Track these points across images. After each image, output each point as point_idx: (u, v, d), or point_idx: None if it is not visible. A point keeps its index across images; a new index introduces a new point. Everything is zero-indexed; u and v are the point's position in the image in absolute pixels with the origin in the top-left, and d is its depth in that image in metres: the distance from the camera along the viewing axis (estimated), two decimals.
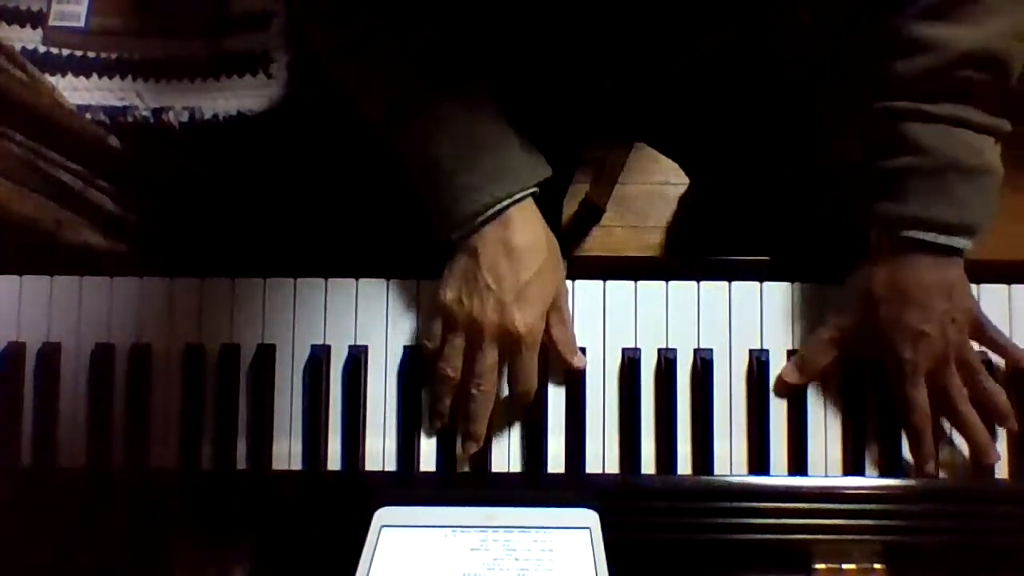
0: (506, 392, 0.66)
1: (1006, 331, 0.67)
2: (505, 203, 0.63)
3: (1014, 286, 0.68)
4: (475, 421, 0.64)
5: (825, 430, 0.67)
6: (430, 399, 0.66)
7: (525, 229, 0.64)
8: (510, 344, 0.64)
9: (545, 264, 0.64)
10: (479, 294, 0.63)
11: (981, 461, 0.65)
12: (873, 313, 0.65)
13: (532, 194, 0.65)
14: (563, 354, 0.66)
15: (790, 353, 0.67)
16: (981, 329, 0.66)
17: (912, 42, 0.62)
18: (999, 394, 0.65)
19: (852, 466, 0.66)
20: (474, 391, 0.64)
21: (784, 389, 0.67)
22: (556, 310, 0.66)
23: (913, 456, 0.65)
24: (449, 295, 0.64)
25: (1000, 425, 0.66)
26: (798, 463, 0.66)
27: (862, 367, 0.67)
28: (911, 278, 0.63)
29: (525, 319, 0.63)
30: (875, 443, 0.67)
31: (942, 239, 0.63)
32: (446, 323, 0.65)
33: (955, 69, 0.61)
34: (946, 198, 0.62)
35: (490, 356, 0.64)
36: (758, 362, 0.67)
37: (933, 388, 0.65)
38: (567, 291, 0.67)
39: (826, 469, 0.66)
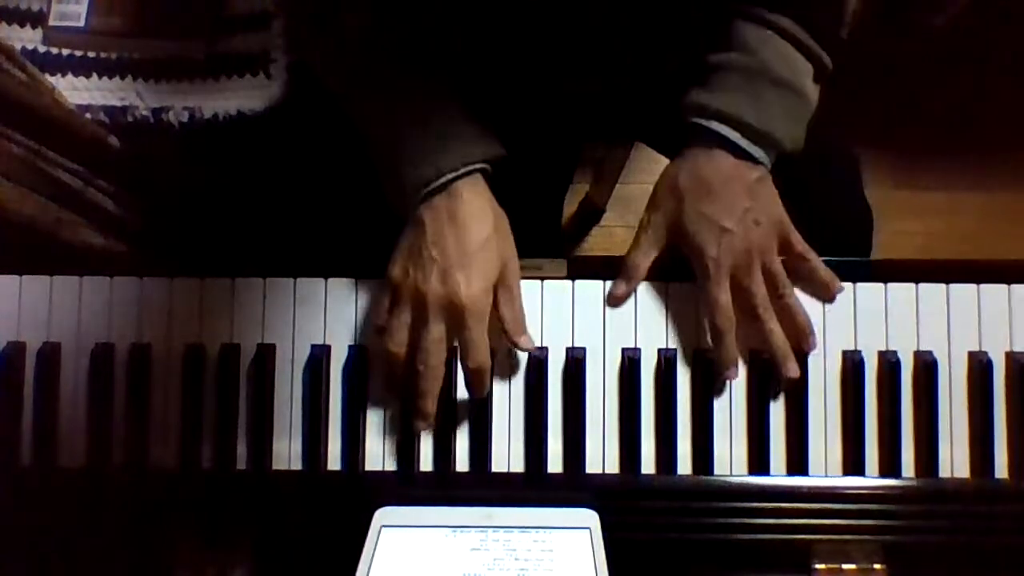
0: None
1: (1006, 331, 0.67)
2: (450, 176, 0.64)
3: (1014, 286, 0.68)
4: (423, 397, 0.63)
5: (825, 430, 0.67)
6: (383, 378, 0.66)
7: (471, 203, 0.64)
8: (455, 316, 0.63)
9: (490, 235, 0.64)
10: (423, 266, 0.63)
11: (781, 372, 0.65)
12: (680, 207, 0.66)
13: (482, 171, 0.65)
14: (510, 333, 0.65)
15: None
16: (788, 240, 0.67)
17: None
18: (801, 311, 0.66)
19: (852, 466, 0.66)
20: (420, 367, 0.63)
21: (617, 302, 0.67)
22: (505, 287, 0.65)
23: (716, 358, 0.66)
24: (396, 270, 0.64)
25: (802, 343, 0.66)
26: (798, 463, 0.66)
27: (862, 367, 0.67)
28: (714, 172, 0.66)
29: (469, 290, 0.62)
30: (875, 443, 0.66)
31: (743, 142, 0.65)
32: (393, 298, 0.64)
33: None
34: (753, 101, 0.65)
35: (435, 330, 0.63)
36: (758, 362, 0.67)
37: (737, 291, 0.65)
38: (518, 269, 0.66)
39: (826, 469, 0.66)
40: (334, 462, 0.66)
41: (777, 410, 0.67)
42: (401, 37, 0.66)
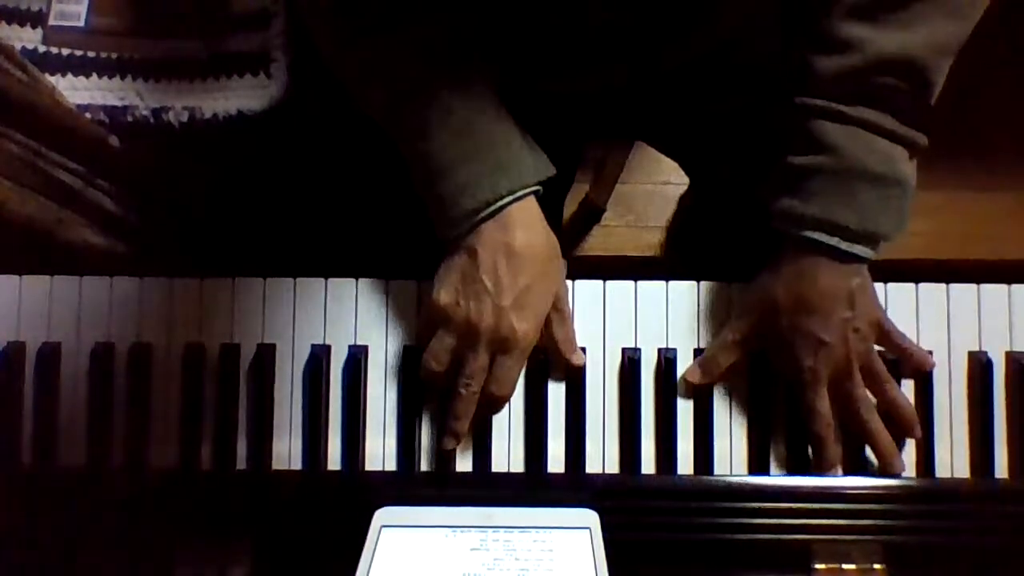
0: None
1: (1006, 331, 0.67)
2: (505, 200, 0.63)
3: (1014, 286, 0.68)
4: (459, 419, 0.64)
5: None
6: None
7: (525, 230, 0.63)
8: (502, 350, 0.63)
9: (545, 267, 0.64)
10: (476, 297, 0.63)
11: (887, 470, 0.65)
12: (775, 318, 0.64)
13: (535, 192, 0.65)
14: (563, 352, 0.66)
15: None
16: (887, 336, 0.66)
17: (836, 40, 0.62)
18: (905, 404, 0.65)
19: (852, 466, 0.66)
20: (463, 391, 0.64)
21: (688, 389, 0.67)
22: (556, 310, 0.65)
23: (816, 462, 0.65)
24: (445, 296, 0.64)
25: (907, 435, 0.66)
26: (798, 463, 0.66)
27: None
28: (812, 285, 0.63)
29: (522, 326, 0.63)
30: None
31: (843, 245, 0.62)
32: (440, 322, 0.64)
33: (874, 73, 0.61)
34: (850, 202, 0.62)
35: (482, 359, 0.63)
36: (758, 362, 0.67)
37: (837, 396, 0.65)
38: (567, 290, 0.67)
39: None
40: (334, 462, 0.66)
41: (777, 410, 0.67)
42: (449, 52, 0.64)
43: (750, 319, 0.66)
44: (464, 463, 0.66)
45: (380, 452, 0.66)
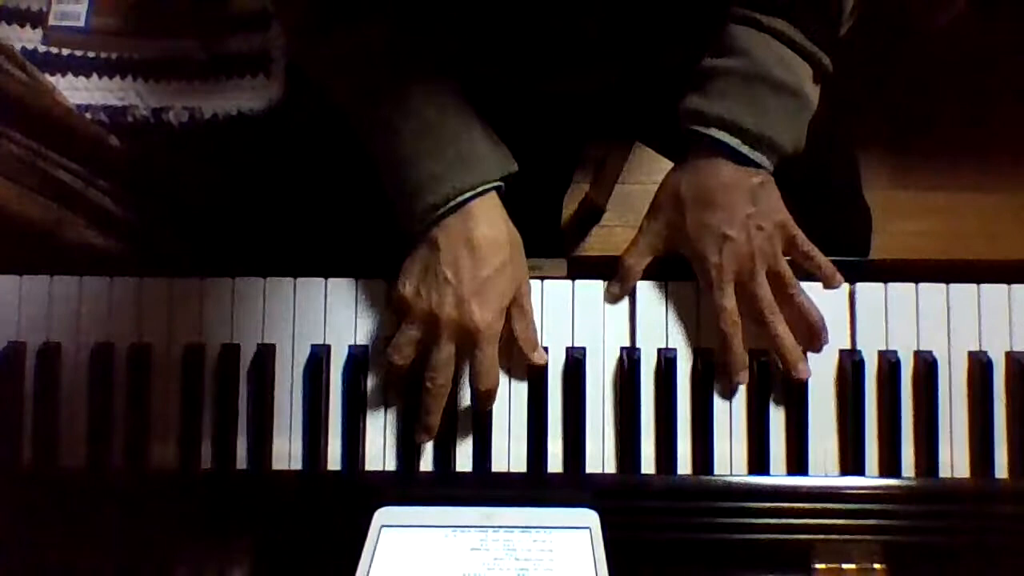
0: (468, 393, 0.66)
1: (1006, 331, 0.67)
2: (467, 195, 0.63)
3: (1014, 286, 0.68)
4: (428, 414, 0.64)
5: (825, 430, 0.67)
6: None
7: (487, 224, 0.64)
8: (467, 340, 0.63)
9: (506, 260, 0.64)
10: (437, 288, 0.63)
11: (790, 376, 0.65)
12: (680, 215, 0.66)
13: (497, 188, 0.65)
14: (524, 350, 0.65)
15: None
16: (793, 240, 0.67)
17: None
18: (812, 309, 0.66)
19: (852, 466, 0.66)
20: (428, 384, 0.63)
21: (614, 299, 0.68)
22: (517, 306, 0.65)
23: (723, 364, 0.66)
24: (407, 288, 0.64)
25: (813, 342, 0.66)
26: (798, 463, 0.66)
27: (862, 367, 0.67)
28: (714, 180, 0.65)
29: (483, 315, 0.63)
30: (875, 443, 0.67)
31: (743, 148, 0.65)
32: (402, 315, 0.64)
33: None
34: (752, 105, 0.65)
35: (445, 351, 0.63)
36: (758, 362, 0.67)
37: (743, 296, 0.65)
38: (530, 287, 0.67)
39: (826, 469, 0.66)
40: (334, 462, 0.66)
41: (777, 410, 0.67)
42: (413, 47, 0.65)
43: (659, 219, 0.68)
44: (464, 463, 0.66)
45: (380, 452, 0.66)
